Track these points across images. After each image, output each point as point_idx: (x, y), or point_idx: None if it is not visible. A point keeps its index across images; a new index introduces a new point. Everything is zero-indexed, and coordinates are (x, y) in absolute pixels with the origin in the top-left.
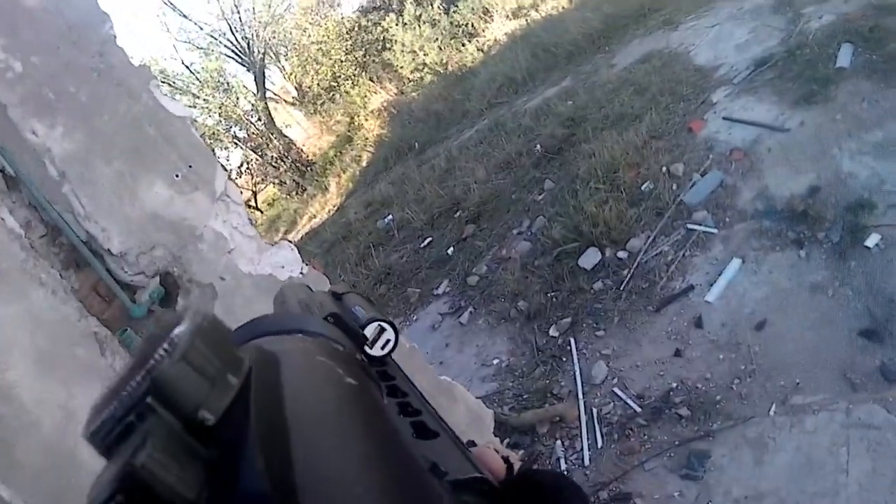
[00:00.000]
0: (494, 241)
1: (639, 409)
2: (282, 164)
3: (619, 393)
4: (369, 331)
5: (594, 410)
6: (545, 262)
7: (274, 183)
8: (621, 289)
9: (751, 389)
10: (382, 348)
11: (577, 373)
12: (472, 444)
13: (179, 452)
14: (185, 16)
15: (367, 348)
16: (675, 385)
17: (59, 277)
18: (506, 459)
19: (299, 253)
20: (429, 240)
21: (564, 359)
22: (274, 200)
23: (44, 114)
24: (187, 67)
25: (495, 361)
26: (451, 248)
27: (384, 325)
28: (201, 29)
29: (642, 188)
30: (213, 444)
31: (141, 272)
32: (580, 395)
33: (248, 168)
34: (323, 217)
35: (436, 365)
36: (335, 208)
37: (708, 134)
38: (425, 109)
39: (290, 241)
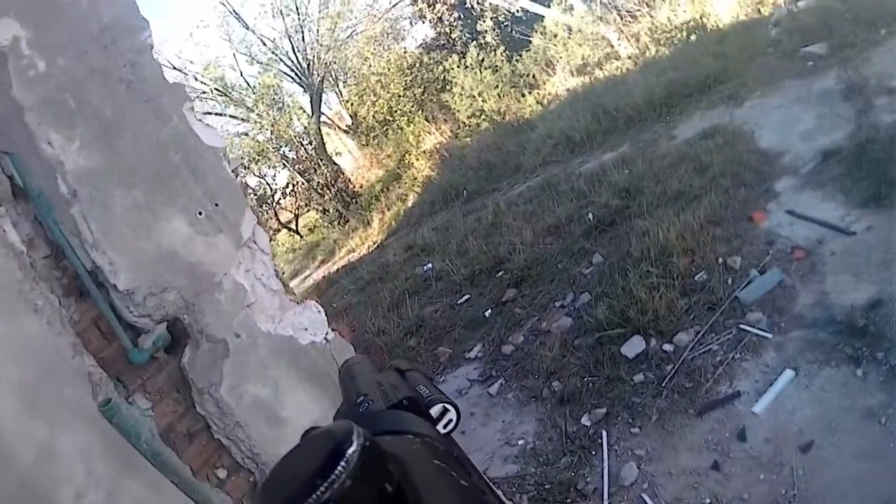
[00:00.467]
0: (535, 311)
1: None
2: (327, 191)
3: (648, 500)
4: (434, 411)
5: None
6: (586, 342)
7: (317, 209)
8: (663, 385)
9: None
10: (445, 427)
11: (606, 471)
12: None
13: None
14: (248, 28)
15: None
16: (708, 501)
17: (57, 305)
18: None
19: (326, 315)
20: (467, 297)
21: (594, 452)
22: (315, 227)
23: (62, 123)
24: (245, 80)
25: (520, 442)
26: (490, 311)
27: (447, 405)
28: (263, 44)
29: (696, 278)
30: None
31: (147, 315)
32: (605, 497)
33: (293, 190)
34: (362, 252)
35: (457, 435)
36: (375, 245)
37: (769, 227)
38: (478, 157)
39: (317, 303)
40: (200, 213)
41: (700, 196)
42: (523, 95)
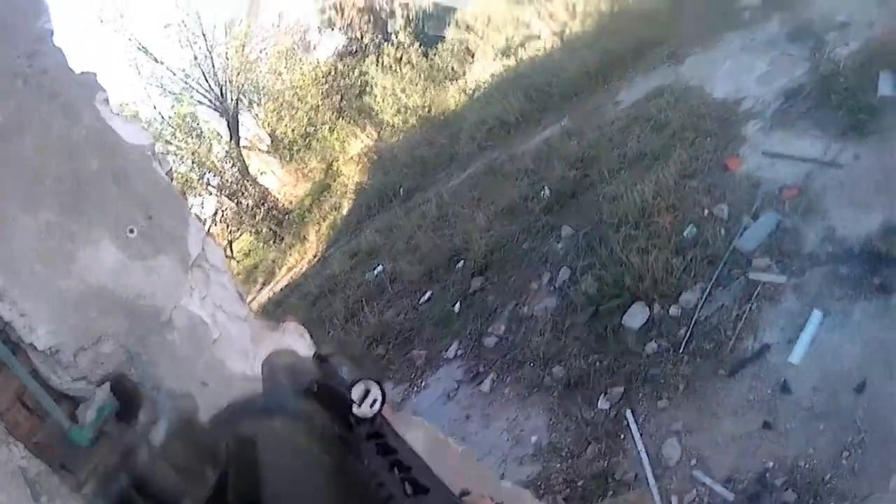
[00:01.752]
0: (510, 297)
1: (731, 497)
2: (257, 211)
3: (702, 477)
4: (355, 392)
5: (673, 500)
6: (580, 320)
7: (250, 231)
8: (681, 351)
9: (863, 462)
10: (371, 407)
11: (643, 453)
12: (466, 493)
13: None
14: (157, 60)
15: (354, 409)
16: (770, 464)
17: None
18: None
19: (310, 336)
20: (428, 294)
21: (622, 436)
22: (250, 251)
23: None
24: (159, 113)
25: (533, 439)
26: (458, 305)
27: (369, 383)
28: (174, 74)
29: (685, 234)
30: None
31: (83, 377)
32: (651, 481)
33: (222, 216)
34: (303, 267)
35: (457, 440)
36: (316, 258)
37: (748, 171)
38: (409, 154)
39: (298, 322)
40: (132, 231)
41: (665, 153)
42: (446, 88)
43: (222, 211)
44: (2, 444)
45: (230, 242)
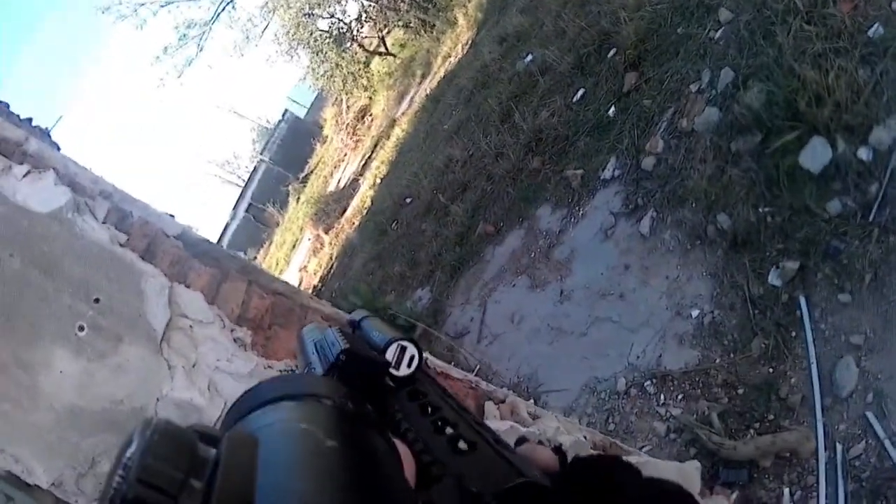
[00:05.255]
0: (667, 101)
1: None
2: (401, 3)
3: (876, 425)
4: (390, 353)
5: (839, 448)
6: (746, 146)
7: (398, 25)
8: (871, 218)
9: None
10: (409, 366)
11: (814, 371)
12: (523, 440)
13: None
14: None
15: (392, 370)
16: None
17: None
18: (557, 450)
19: None
20: (581, 91)
21: (793, 332)
22: (404, 43)
23: None
24: None
25: (694, 313)
26: (613, 108)
27: (404, 343)
28: None
29: (869, 34)
30: None
31: (97, 499)
32: (818, 420)
33: (367, 17)
34: (458, 55)
35: (614, 298)
36: (468, 44)
37: None
38: None
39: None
40: (81, 329)
41: None
42: None
43: (365, 12)
44: None
45: (382, 39)
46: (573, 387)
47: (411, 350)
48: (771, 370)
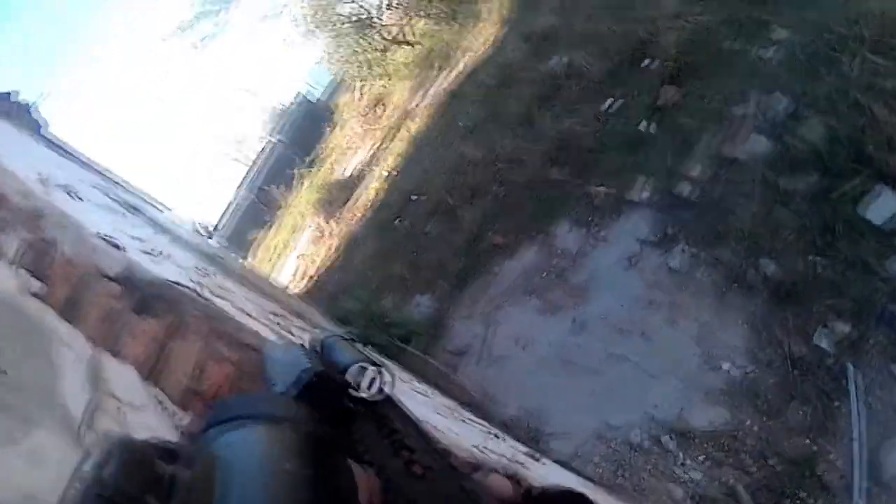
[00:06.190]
0: (708, 121)
1: None
2: None
3: None
4: (350, 374)
5: None
6: (800, 186)
7: (421, 15)
8: None
9: None
10: (369, 388)
11: (857, 453)
12: (477, 468)
13: None
14: None
15: (353, 392)
16: None
17: None
18: (513, 479)
19: None
20: (610, 101)
21: (836, 402)
22: (426, 34)
23: None
24: None
25: (725, 365)
26: (646, 123)
27: (366, 364)
28: None
29: None
30: None
31: None
32: (857, 495)
33: (389, 4)
34: (479, 50)
35: (635, 335)
36: (491, 40)
37: None
38: None
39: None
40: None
41: None
42: None
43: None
44: None
45: (403, 28)
46: (580, 430)
47: (371, 373)
48: (808, 441)
